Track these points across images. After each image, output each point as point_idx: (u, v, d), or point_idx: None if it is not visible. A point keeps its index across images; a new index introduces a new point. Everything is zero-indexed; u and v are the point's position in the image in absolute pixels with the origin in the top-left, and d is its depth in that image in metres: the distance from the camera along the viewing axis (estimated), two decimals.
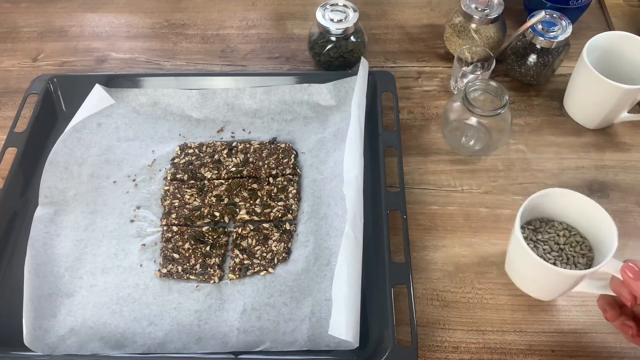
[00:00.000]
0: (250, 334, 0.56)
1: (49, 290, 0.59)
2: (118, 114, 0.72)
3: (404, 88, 0.78)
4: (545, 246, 0.56)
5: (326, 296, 0.58)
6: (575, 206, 0.56)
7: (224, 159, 0.69)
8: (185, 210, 0.65)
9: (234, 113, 0.73)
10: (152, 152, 0.70)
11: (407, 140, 0.72)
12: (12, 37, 0.87)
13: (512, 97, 0.76)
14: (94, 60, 0.83)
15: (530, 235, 0.57)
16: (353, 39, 0.75)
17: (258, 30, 0.87)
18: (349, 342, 0.53)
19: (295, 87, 0.73)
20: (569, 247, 0.56)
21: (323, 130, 0.71)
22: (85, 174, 0.68)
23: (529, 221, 0.58)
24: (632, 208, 0.66)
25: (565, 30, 0.71)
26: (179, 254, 0.62)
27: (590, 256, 0.56)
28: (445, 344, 0.57)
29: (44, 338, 0.56)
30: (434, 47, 0.83)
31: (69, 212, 0.65)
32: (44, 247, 0.62)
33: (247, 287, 0.60)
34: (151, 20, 0.89)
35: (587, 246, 0.56)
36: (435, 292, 0.60)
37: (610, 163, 0.70)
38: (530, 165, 0.70)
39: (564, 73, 0.77)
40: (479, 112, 0.64)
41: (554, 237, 0.57)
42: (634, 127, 0.73)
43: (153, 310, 0.58)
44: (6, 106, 0.78)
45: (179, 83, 0.74)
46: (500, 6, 0.74)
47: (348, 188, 0.62)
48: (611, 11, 0.86)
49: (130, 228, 0.64)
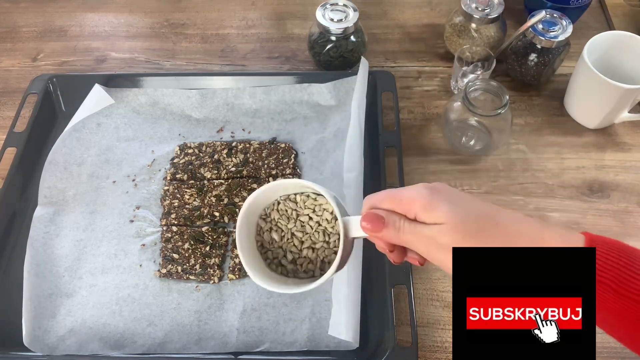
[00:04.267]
0: (250, 334, 0.56)
1: (48, 290, 0.59)
2: (117, 114, 0.72)
3: (404, 88, 0.78)
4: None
5: (326, 296, 0.57)
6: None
7: (224, 159, 0.69)
8: (185, 210, 0.65)
9: (234, 113, 0.73)
10: (151, 152, 0.70)
11: (407, 140, 0.72)
12: (11, 37, 0.87)
13: (512, 97, 0.76)
14: (94, 60, 0.83)
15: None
16: (353, 38, 0.75)
17: (258, 30, 0.87)
18: (349, 343, 0.53)
19: (295, 87, 0.73)
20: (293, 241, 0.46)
21: (323, 130, 0.71)
22: (85, 174, 0.68)
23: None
24: (632, 208, 0.66)
25: (566, 30, 0.70)
26: (178, 254, 0.62)
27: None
28: (446, 344, 0.57)
29: (44, 338, 0.56)
30: (434, 47, 0.83)
31: (68, 212, 0.65)
32: (44, 247, 0.62)
33: (247, 287, 0.60)
34: (151, 20, 0.89)
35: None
36: (436, 292, 0.60)
37: (610, 163, 0.70)
38: (530, 165, 0.70)
39: (564, 73, 0.77)
40: (480, 112, 0.63)
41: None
42: (634, 127, 0.73)
43: (153, 311, 0.58)
44: (6, 106, 0.78)
45: (178, 83, 0.74)
46: (501, 6, 0.74)
47: (348, 188, 0.62)
48: (612, 11, 0.86)
49: (130, 228, 0.64)
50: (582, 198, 0.67)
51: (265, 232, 0.47)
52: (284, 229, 0.47)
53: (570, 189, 0.67)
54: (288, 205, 0.47)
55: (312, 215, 0.46)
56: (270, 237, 0.47)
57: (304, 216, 0.46)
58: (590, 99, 0.70)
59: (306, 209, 0.46)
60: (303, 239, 0.46)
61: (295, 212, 0.47)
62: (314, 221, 0.46)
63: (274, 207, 0.47)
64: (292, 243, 0.46)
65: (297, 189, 0.47)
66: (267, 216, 0.48)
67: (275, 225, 0.47)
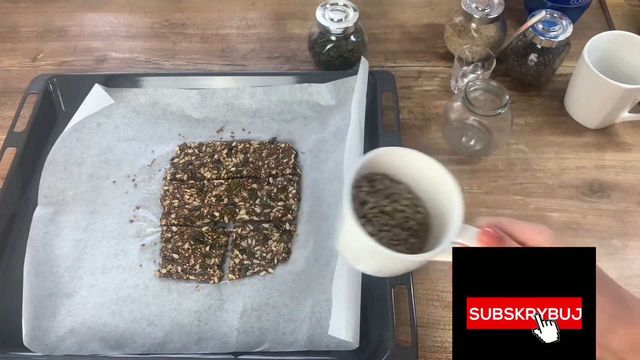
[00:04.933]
0: (250, 334, 0.56)
1: (48, 290, 0.59)
2: (117, 114, 0.72)
3: (404, 88, 0.78)
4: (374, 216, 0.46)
5: (326, 296, 0.57)
6: (416, 168, 0.46)
7: (224, 158, 0.69)
8: (184, 210, 0.65)
9: (234, 113, 0.73)
10: (151, 152, 0.70)
11: (407, 140, 0.72)
12: (11, 37, 0.87)
13: (512, 97, 0.76)
14: (94, 60, 0.83)
15: (359, 201, 0.46)
16: (353, 38, 0.75)
17: (258, 30, 0.87)
18: (349, 343, 0.53)
19: (295, 87, 0.73)
20: (397, 208, 0.46)
21: (323, 130, 0.71)
22: (85, 174, 0.68)
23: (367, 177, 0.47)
24: (632, 208, 0.66)
25: (566, 30, 0.70)
26: (178, 254, 0.62)
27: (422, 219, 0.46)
28: (446, 344, 0.57)
29: (44, 338, 0.56)
30: (434, 47, 0.83)
31: (68, 212, 0.65)
32: (44, 247, 0.62)
33: (247, 287, 0.60)
34: (151, 20, 0.89)
35: (420, 212, 0.47)
36: (436, 292, 0.60)
37: (610, 163, 0.70)
38: (530, 165, 0.70)
39: (564, 73, 0.77)
40: (480, 112, 0.63)
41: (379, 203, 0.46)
42: (634, 127, 0.73)
43: (153, 311, 0.58)
44: (5, 106, 0.78)
45: (178, 83, 0.74)
46: (501, 6, 0.74)
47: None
48: (612, 11, 0.86)
49: (130, 228, 0.64)
50: (582, 198, 0.67)
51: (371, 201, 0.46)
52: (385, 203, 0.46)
53: (571, 189, 0.67)
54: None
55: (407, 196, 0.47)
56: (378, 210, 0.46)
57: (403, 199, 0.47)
58: (590, 99, 0.70)
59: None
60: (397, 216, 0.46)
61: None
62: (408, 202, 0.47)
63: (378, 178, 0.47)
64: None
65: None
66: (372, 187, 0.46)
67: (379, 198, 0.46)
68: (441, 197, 0.46)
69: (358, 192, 0.46)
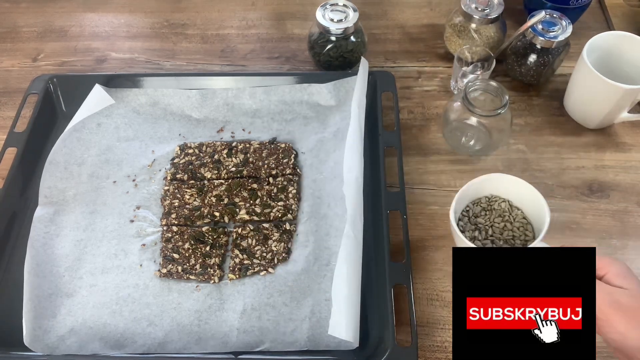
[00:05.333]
0: (250, 334, 0.56)
1: (48, 290, 0.59)
2: (118, 114, 0.72)
3: (404, 88, 0.78)
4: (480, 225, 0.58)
5: (326, 296, 0.58)
6: (517, 190, 0.58)
7: (224, 159, 0.69)
8: (185, 210, 0.65)
9: (234, 113, 0.73)
10: (152, 152, 0.70)
11: (407, 140, 0.72)
12: (12, 37, 0.87)
13: (512, 97, 0.76)
14: (94, 60, 0.83)
15: (473, 212, 0.59)
16: (353, 38, 0.75)
17: (258, 30, 0.87)
18: (348, 342, 0.53)
19: (295, 87, 0.73)
20: (507, 227, 0.58)
21: (323, 130, 0.71)
22: (85, 174, 0.68)
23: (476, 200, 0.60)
24: (632, 208, 0.66)
25: (566, 30, 0.70)
26: (179, 254, 0.62)
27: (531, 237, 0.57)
28: (446, 344, 0.57)
29: (44, 338, 0.56)
30: (434, 47, 0.83)
31: (68, 212, 0.65)
32: (44, 247, 0.62)
33: (247, 287, 0.60)
34: (151, 20, 0.89)
35: (530, 230, 0.58)
36: (435, 292, 0.60)
37: (610, 163, 0.70)
38: (530, 165, 0.70)
39: (564, 73, 0.77)
40: (479, 112, 0.63)
41: (490, 218, 0.58)
42: (634, 127, 0.73)
43: (153, 311, 0.58)
44: (6, 106, 0.78)
45: (178, 83, 0.74)
46: (500, 6, 0.74)
47: (348, 188, 0.62)
48: (611, 11, 0.86)
49: (130, 228, 0.64)
50: (582, 198, 0.67)
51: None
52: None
53: (570, 189, 0.67)
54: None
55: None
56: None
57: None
58: (590, 99, 0.70)
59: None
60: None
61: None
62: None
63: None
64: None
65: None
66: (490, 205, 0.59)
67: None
68: (540, 220, 0.55)
69: (474, 205, 0.59)
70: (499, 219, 0.58)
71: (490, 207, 0.59)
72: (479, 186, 0.58)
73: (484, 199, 0.60)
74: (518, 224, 0.58)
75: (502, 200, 0.59)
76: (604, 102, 0.68)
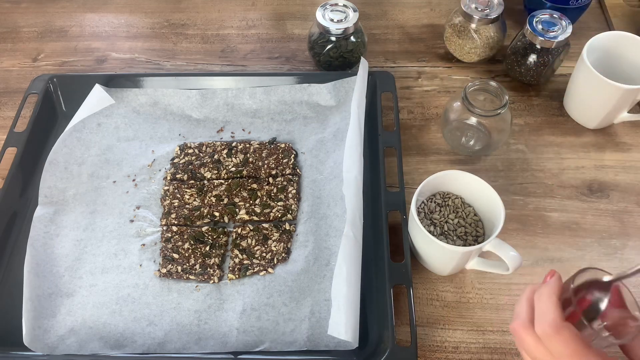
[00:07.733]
0: (250, 334, 0.56)
1: (48, 290, 0.59)
2: (118, 114, 0.72)
3: (404, 88, 0.78)
4: (437, 221, 0.59)
5: (326, 296, 0.58)
6: (472, 187, 0.59)
7: (224, 159, 0.69)
8: (185, 210, 0.65)
9: (234, 113, 0.73)
10: (152, 152, 0.70)
11: (407, 140, 0.72)
12: (12, 37, 0.87)
13: (512, 97, 0.76)
14: (94, 60, 0.83)
15: (428, 208, 0.60)
16: (353, 39, 0.75)
17: (258, 30, 0.87)
18: (348, 342, 0.53)
19: (295, 87, 0.73)
20: (461, 223, 0.59)
21: (323, 130, 0.71)
22: (85, 174, 0.68)
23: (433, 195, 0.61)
24: (632, 208, 0.66)
25: (565, 30, 0.70)
26: (178, 254, 0.62)
27: (481, 233, 0.59)
28: (445, 344, 0.57)
29: (44, 338, 0.56)
30: (434, 47, 0.83)
31: (68, 212, 0.65)
32: (44, 247, 0.62)
33: (247, 287, 0.60)
34: (151, 20, 0.89)
35: (481, 227, 0.59)
36: (435, 292, 0.60)
37: (610, 163, 0.70)
38: (530, 165, 0.70)
39: (564, 73, 0.77)
40: (479, 112, 0.63)
41: (446, 213, 0.60)
42: (633, 127, 0.73)
43: (153, 310, 0.58)
44: (6, 106, 0.78)
45: (179, 83, 0.74)
46: (500, 6, 0.74)
47: (348, 188, 0.62)
48: (611, 11, 0.86)
49: (130, 228, 0.64)
50: (582, 198, 0.67)
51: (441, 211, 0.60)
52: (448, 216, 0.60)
53: (570, 189, 0.67)
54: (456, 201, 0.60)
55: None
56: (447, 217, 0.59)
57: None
58: (590, 99, 0.70)
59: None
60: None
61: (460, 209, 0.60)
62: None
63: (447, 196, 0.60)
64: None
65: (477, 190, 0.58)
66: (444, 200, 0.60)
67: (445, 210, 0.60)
68: (492, 218, 0.57)
69: (429, 201, 0.60)
70: (453, 214, 0.59)
71: (444, 203, 0.60)
72: (435, 182, 0.58)
73: (438, 195, 0.60)
74: (470, 220, 0.59)
75: (455, 197, 0.60)
76: (603, 102, 0.68)
